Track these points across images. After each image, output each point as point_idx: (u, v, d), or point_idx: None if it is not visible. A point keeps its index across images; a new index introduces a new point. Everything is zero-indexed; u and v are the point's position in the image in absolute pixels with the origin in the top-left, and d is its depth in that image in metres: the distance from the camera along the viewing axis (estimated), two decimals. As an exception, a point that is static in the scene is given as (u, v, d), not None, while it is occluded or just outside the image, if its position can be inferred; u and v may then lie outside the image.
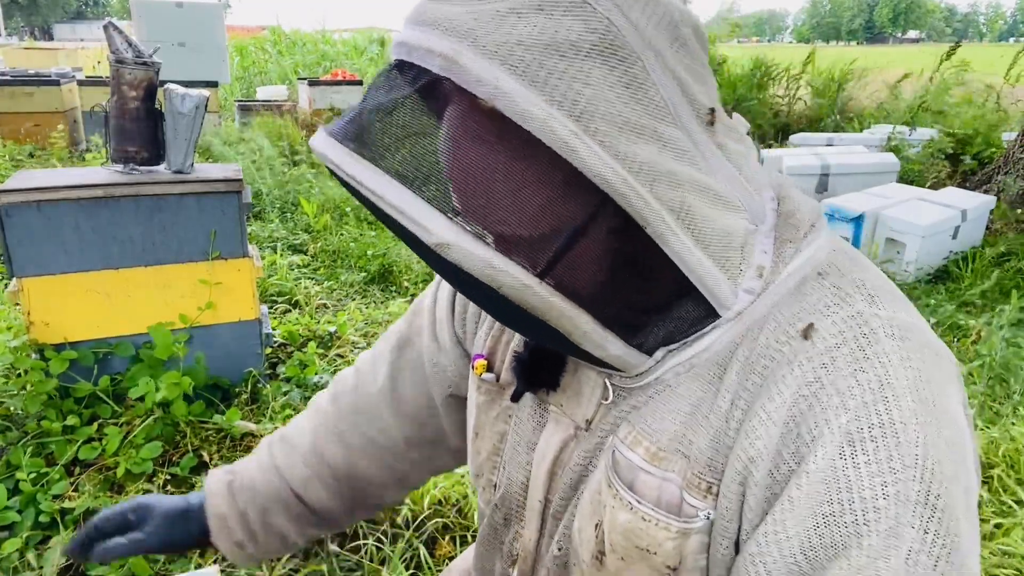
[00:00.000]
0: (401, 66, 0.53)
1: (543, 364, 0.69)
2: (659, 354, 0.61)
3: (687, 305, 0.59)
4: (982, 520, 2.17)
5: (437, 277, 0.93)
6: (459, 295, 0.87)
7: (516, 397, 0.72)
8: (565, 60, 0.48)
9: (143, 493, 2.21)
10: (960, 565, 0.50)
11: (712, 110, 0.57)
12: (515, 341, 0.76)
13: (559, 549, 0.72)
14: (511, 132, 0.49)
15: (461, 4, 0.50)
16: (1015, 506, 2.20)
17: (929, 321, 3.67)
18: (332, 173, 0.54)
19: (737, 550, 0.59)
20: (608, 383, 0.66)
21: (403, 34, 0.52)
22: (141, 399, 2.48)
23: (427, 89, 0.52)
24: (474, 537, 1.09)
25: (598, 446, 0.67)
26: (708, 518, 0.60)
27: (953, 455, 0.53)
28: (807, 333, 0.57)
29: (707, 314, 0.59)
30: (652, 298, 0.59)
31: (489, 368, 0.78)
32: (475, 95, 0.49)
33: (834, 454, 0.52)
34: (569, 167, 0.49)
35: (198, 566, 1.97)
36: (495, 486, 0.80)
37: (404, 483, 1.01)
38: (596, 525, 0.66)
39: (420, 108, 0.53)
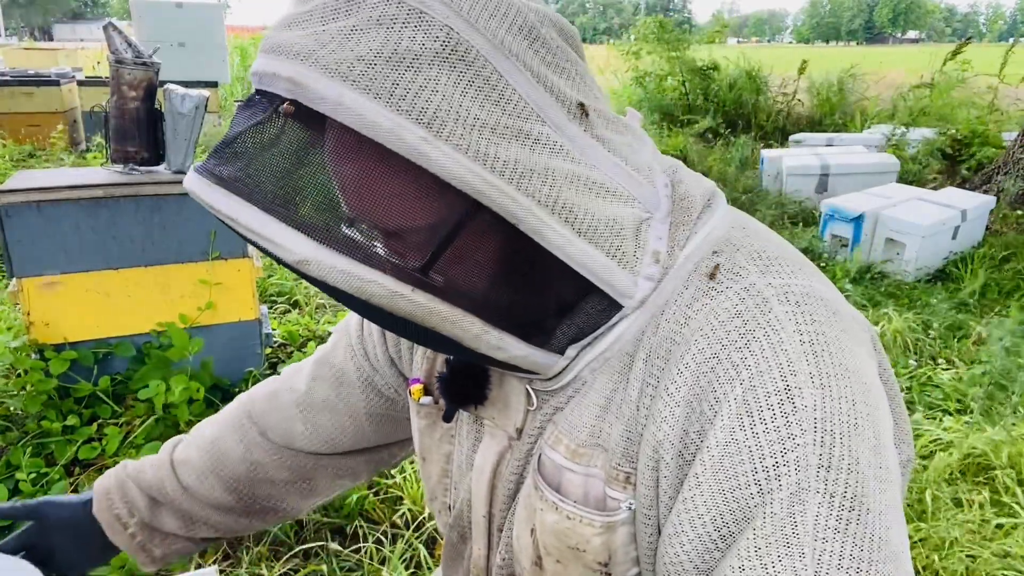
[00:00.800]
0: (257, 94, 0.54)
1: (466, 380, 0.69)
2: (571, 351, 0.61)
3: (587, 300, 0.60)
4: (983, 520, 2.16)
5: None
6: None
7: (448, 417, 0.71)
8: (410, 70, 0.49)
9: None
10: (874, 525, 0.49)
11: (581, 104, 0.56)
12: (439, 362, 0.76)
13: (502, 559, 0.73)
14: (366, 146, 0.50)
15: (303, 28, 0.51)
16: (1016, 507, 2.20)
17: (929, 321, 3.68)
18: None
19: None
20: (530, 389, 0.66)
21: (255, 63, 0.53)
22: (147, 400, 2.48)
23: (280, 112, 0.52)
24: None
25: (529, 453, 0.67)
26: (630, 508, 0.61)
27: (857, 414, 0.52)
28: (706, 299, 0.58)
29: (609, 305, 0.60)
30: (544, 296, 0.59)
31: (427, 391, 0.77)
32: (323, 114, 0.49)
33: (733, 426, 0.53)
34: (427, 173, 0.50)
35: (198, 566, 1.97)
36: (449, 507, 0.80)
37: (309, 490, 0.98)
38: (531, 531, 0.67)
39: (274, 132, 0.53)
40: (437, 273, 0.54)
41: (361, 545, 2.06)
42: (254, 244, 0.52)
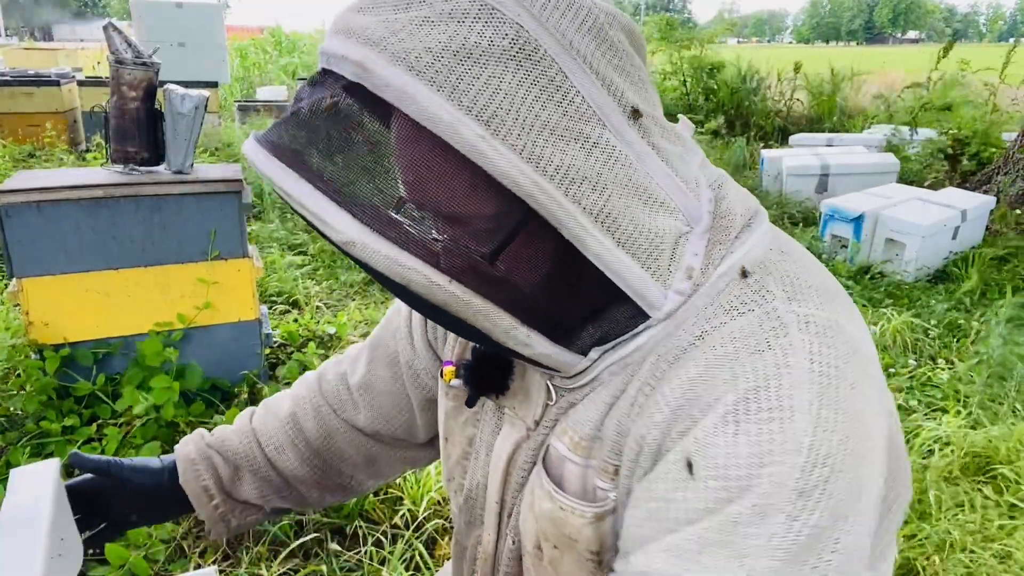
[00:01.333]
0: (323, 73, 0.55)
1: (491, 369, 0.71)
2: (594, 354, 0.62)
3: (616, 306, 0.60)
4: (986, 520, 2.16)
5: None
6: None
7: (470, 402, 0.73)
8: (477, 66, 0.49)
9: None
10: (828, 567, 0.49)
11: (640, 110, 0.57)
12: (469, 348, 0.77)
13: (513, 543, 0.74)
14: (424, 136, 0.50)
15: (376, 14, 0.51)
16: (1019, 504, 2.20)
17: (929, 321, 3.67)
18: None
19: None
20: (550, 384, 0.68)
21: (325, 43, 0.54)
22: (143, 412, 2.48)
23: (346, 94, 0.53)
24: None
25: (542, 444, 0.69)
26: (615, 500, 0.63)
27: (847, 453, 0.52)
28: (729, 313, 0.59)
29: (636, 314, 0.60)
30: (577, 299, 0.60)
31: (459, 374, 0.79)
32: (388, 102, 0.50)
33: (716, 427, 0.53)
34: (480, 170, 0.50)
35: (197, 566, 1.97)
36: (464, 489, 0.81)
37: (376, 470, 1.02)
38: (535, 518, 0.69)
39: (337, 113, 0.54)
40: (476, 267, 0.55)
41: (361, 544, 2.06)
42: (304, 219, 0.53)
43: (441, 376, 0.80)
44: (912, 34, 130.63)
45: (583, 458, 0.64)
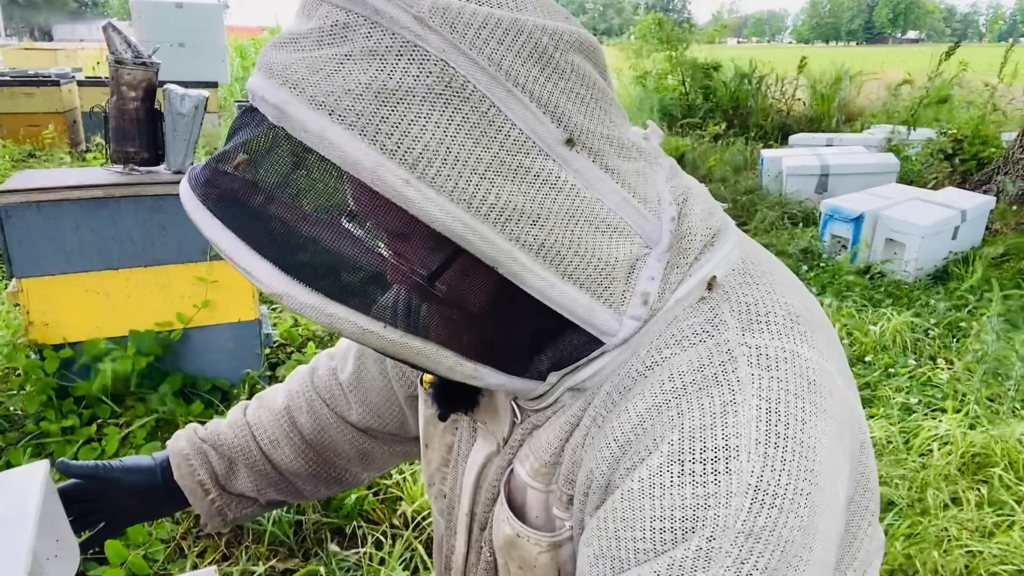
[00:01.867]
0: (250, 110, 0.53)
1: (457, 388, 0.68)
2: (552, 377, 0.61)
3: (568, 334, 0.59)
4: (984, 517, 2.17)
5: None
6: None
7: (442, 417, 0.74)
8: (401, 106, 0.47)
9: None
10: None
11: (592, 133, 0.55)
12: None
13: (490, 555, 0.73)
14: (349, 181, 0.50)
15: (297, 50, 0.50)
16: (1016, 505, 2.20)
17: (929, 321, 3.68)
18: None
19: None
20: (514, 405, 0.67)
21: (251, 78, 0.52)
22: (141, 398, 2.48)
23: (268, 136, 0.52)
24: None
25: (509, 463, 0.69)
26: (571, 528, 0.62)
27: (796, 491, 0.50)
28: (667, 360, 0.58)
29: (589, 340, 0.58)
30: (524, 331, 0.59)
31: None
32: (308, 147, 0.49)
33: (662, 468, 0.51)
34: (407, 213, 0.49)
35: (195, 565, 1.97)
36: (444, 495, 0.81)
37: (370, 463, 1.02)
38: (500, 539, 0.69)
39: (260, 157, 0.53)
40: (410, 309, 0.55)
41: (360, 544, 2.06)
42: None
43: (420, 382, 0.79)
44: (912, 34, 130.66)
45: (544, 484, 0.64)
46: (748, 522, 0.49)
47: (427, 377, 0.76)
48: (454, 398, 0.71)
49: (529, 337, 0.60)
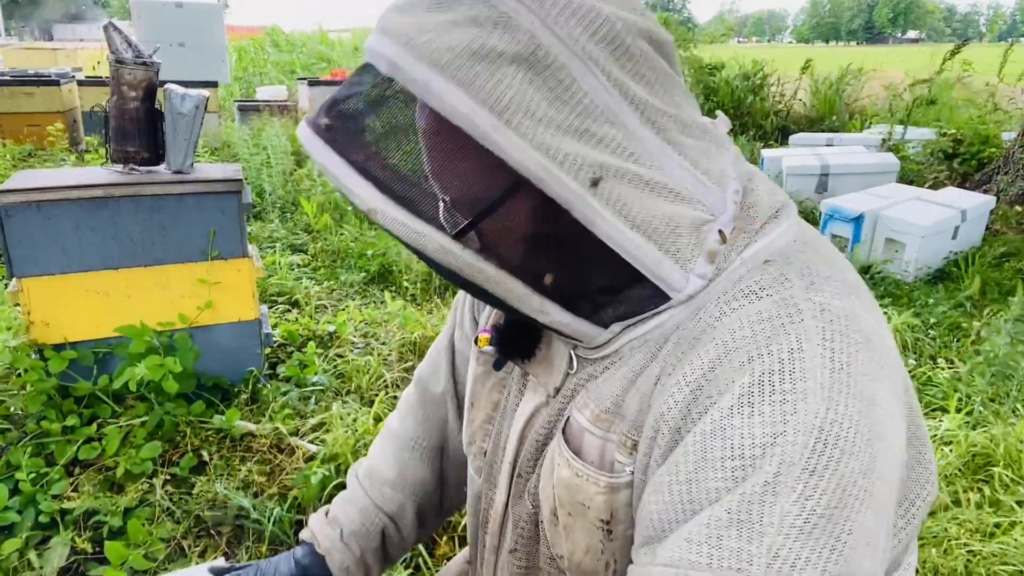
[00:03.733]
0: (365, 66, 0.62)
1: (519, 335, 0.75)
2: (616, 327, 0.66)
3: (636, 286, 0.64)
4: (985, 517, 2.16)
5: None
6: None
7: (498, 365, 0.79)
8: (492, 66, 0.55)
9: (143, 493, 2.21)
10: (840, 542, 0.50)
11: (658, 110, 0.61)
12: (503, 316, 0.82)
13: (532, 506, 0.77)
14: (444, 124, 0.57)
15: (411, 15, 0.58)
16: (1016, 505, 2.20)
17: (929, 321, 3.67)
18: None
19: None
20: (572, 353, 0.71)
21: (369, 38, 0.61)
22: (141, 397, 2.48)
23: (381, 85, 0.61)
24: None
25: (560, 412, 0.73)
26: (631, 474, 0.66)
27: (857, 436, 0.53)
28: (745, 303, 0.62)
29: (656, 294, 0.63)
30: (594, 275, 0.64)
31: (491, 341, 0.83)
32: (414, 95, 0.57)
33: (731, 408, 0.56)
34: (493, 156, 0.56)
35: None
36: (484, 453, 0.85)
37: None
38: (552, 484, 0.72)
39: (372, 100, 0.62)
40: (488, 237, 0.62)
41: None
42: (339, 191, 0.61)
43: (476, 343, 0.84)
44: (912, 34, 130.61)
45: (603, 431, 0.67)
46: (812, 460, 0.52)
47: (483, 337, 0.81)
48: (515, 345, 0.76)
49: (598, 284, 0.65)
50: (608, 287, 0.65)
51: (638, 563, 0.59)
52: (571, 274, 0.64)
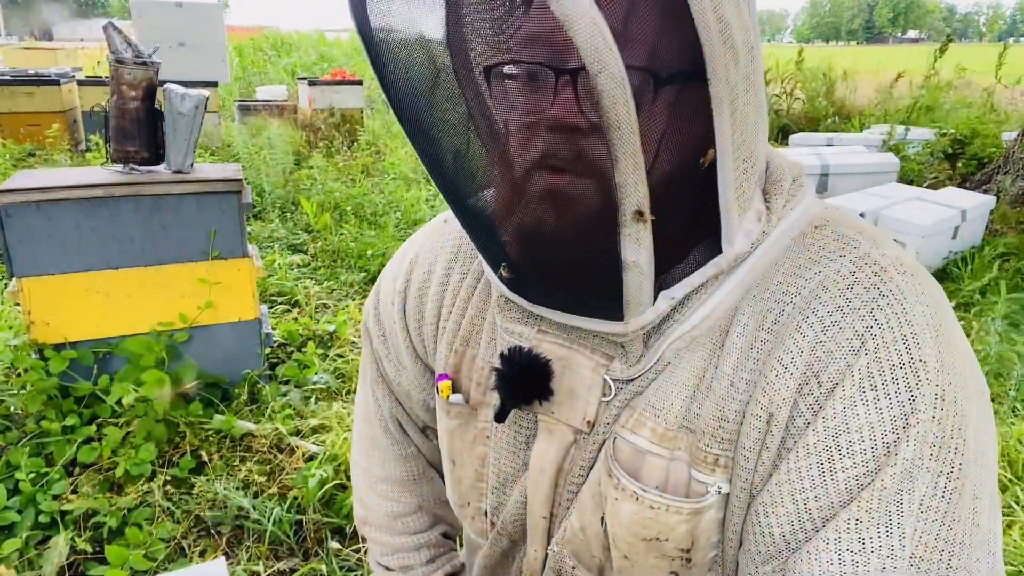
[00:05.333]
0: None
1: (530, 374, 0.63)
2: (661, 304, 0.57)
3: (695, 235, 0.57)
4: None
5: (372, 295, 0.89)
6: (408, 308, 0.80)
7: (501, 417, 0.65)
8: None
9: (143, 493, 2.21)
10: (970, 510, 0.50)
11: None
12: (481, 351, 0.70)
13: (552, 552, 0.69)
14: None
15: None
16: (1016, 505, 2.20)
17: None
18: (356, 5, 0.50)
19: None
20: (608, 378, 0.62)
21: None
22: (141, 398, 2.48)
23: None
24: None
25: (601, 444, 0.63)
26: (719, 492, 0.58)
27: (969, 394, 0.52)
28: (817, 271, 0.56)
29: (708, 250, 0.57)
30: (685, 204, 0.55)
31: (455, 388, 0.73)
32: None
33: (854, 397, 0.51)
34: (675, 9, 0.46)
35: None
36: (484, 513, 0.75)
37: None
38: (601, 519, 0.63)
39: None
40: (645, 99, 0.49)
41: (361, 546, 2.06)
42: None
43: (437, 392, 0.73)
44: (912, 33, 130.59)
45: (669, 450, 0.59)
46: (938, 432, 0.50)
47: (444, 385, 0.72)
48: (526, 386, 0.62)
49: (681, 218, 0.55)
50: (682, 226, 0.56)
51: None
52: (675, 196, 0.53)
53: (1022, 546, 2.02)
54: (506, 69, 0.53)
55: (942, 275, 4.37)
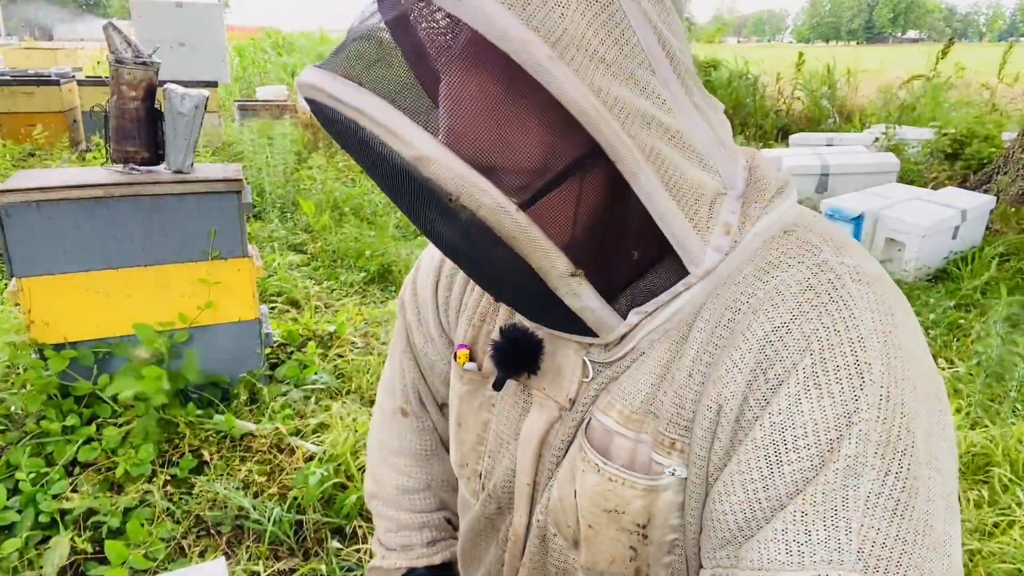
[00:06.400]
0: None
1: (522, 349, 0.69)
2: (632, 317, 0.62)
3: (658, 263, 0.61)
4: (984, 517, 2.16)
5: (412, 271, 0.96)
6: (440, 285, 0.88)
7: (498, 385, 0.72)
8: None
9: (143, 493, 2.21)
10: (921, 511, 0.50)
11: (685, 66, 0.57)
12: (495, 330, 0.77)
13: (537, 521, 0.74)
14: (493, 56, 0.50)
15: None
16: (1014, 506, 2.20)
17: (928, 320, 3.67)
18: (314, 109, 0.55)
19: None
20: (587, 360, 0.67)
21: None
22: (134, 400, 2.48)
23: (420, 10, 0.55)
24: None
25: (579, 422, 0.68)
26: (674, 474, 0.61)
27: (917, 399, 0.53)
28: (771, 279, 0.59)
29: (676, 271, 0.60)
30: (626, 248, 0.60)
31: (471, 358, 0.80)
32: (459, 18, 0.50)
33: (799, 394, 0.53)
34: (546, 94, 0.50)
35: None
36: (479, 475, 0.81)
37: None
38: (574, 493, 0.68)
39: (404, 32, 0.56)
40: (538, 199, 0.53)
41: (361, 546, 2.06)
42: (370, 141, 0.52)
43: (455, 359, 0.80)
44: (912, 33, 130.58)
45: (634, 432, 0.63)
46: (884, 432, 0.51)
47: (462, 353, 0.78)
48: (518, 360, 0.69)
49: (625, 259, 0.61)
50: (632, 263, 0.61)
51: (719, 565, 0.56)
52: (606, 245, 0.59)
53: (1022, 546, 2.02)
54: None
55: (942, 275, 4.38)
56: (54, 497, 2.15)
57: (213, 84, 8.21)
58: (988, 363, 3.00)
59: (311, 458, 2.38)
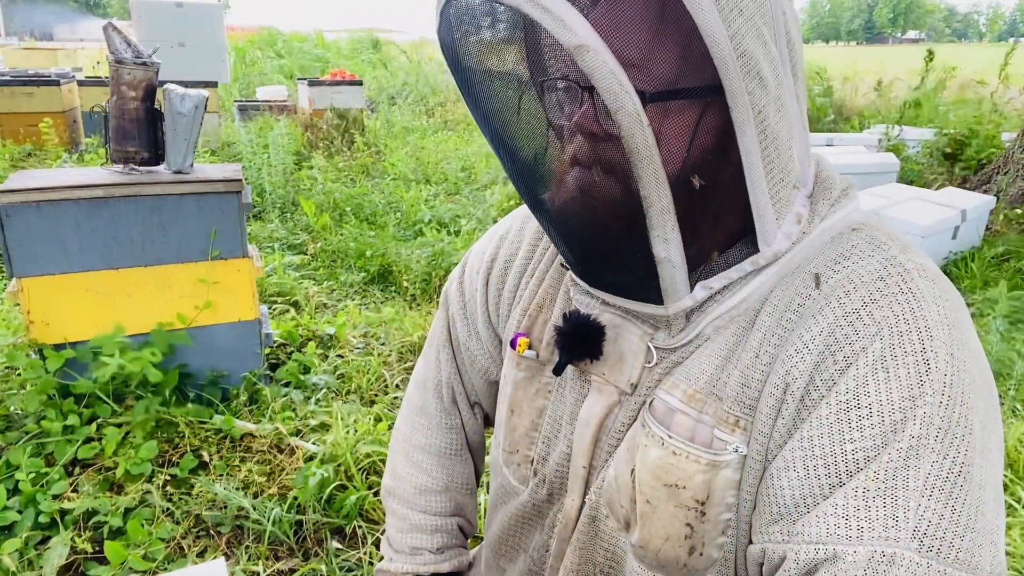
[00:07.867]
0: None
1: (584, 334, 0.71)
2: (699, 293, 0.64)
3: (733, 234, 0.64)
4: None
5: (459, 268, 0.98)
6: (492, 277, 0.90)
7: (559, 370, 0.73)
8: None
9: (143, 494, 2.21)
10: (975, 497, 0.52)
11: (792, 49, 0.60)
12: (554, 317, 0.80)
13: (590, 503, 0.75)
14: None
15: None
16: (1015, 505, 2.20)
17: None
18: (449, 27, 0.57)
19: None
20: (651, 346, 0.69)
21: None
22: (139, 398, 2.48)
23: None
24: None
25: (642, 407, 0.70)
26: (736, 451, 0.63)
27: (976, 390, 0.56)
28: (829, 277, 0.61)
29: (746, 250, 0.64)
30: (712, 211, 0.61)
31: (531, 346, 0.81)
32: None
33: (866, 376, 0.56)
34: (691, 28, 0.51)
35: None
36: (531, 460, 0.82)
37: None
38: (632, 471, 0.68)
39: None
40: (664, 124, 0.55)
41: (361, 547, 2.06)
42: (529, 26, 0.54)
43: (512, 347, 0.82)
44: (912, 34, 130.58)
45: (696, 411, 0.65)
46: (945, 419, 0.54)
47: (522, 341, 0.80)
48: (581, 346, 0.71)
49: (710, 218, 0.62)
50: (714, 237, 0.63)
51: (771, 540, 0.58)
52: (701, 203, 0.60)
53: (1022, 546, 2.02)
54: (556, 84, 0.61)
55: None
56: (54, 497, 2.14)
57: (213, 84, 8.20)
58: (988, 361, 3.00)
59: (311, 458, 2.38)
